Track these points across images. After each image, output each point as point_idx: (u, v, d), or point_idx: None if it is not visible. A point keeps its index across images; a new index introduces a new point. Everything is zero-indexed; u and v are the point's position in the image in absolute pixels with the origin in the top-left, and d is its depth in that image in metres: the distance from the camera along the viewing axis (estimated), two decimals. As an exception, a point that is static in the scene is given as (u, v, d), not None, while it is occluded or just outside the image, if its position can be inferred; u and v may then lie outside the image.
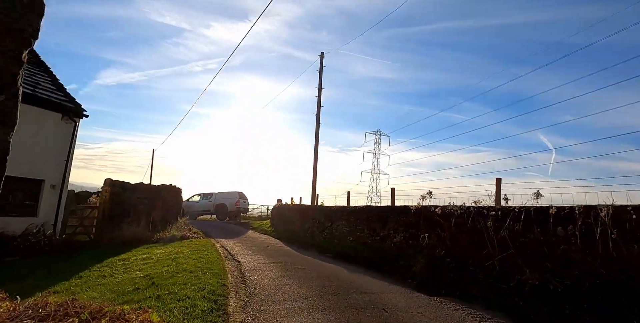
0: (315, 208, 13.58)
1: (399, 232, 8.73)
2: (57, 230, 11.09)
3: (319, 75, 18.91)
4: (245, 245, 11.75)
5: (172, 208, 15.38)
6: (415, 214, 7.94)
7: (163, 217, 14.27)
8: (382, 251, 9.07)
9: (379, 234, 9.49)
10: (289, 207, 16.25)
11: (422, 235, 7.45)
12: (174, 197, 15.73)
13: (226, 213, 24.63)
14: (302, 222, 14.06)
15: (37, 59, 13.15)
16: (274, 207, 18.65)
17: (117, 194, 13.00)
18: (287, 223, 15.71)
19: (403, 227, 8.60)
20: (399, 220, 8.79)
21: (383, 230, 9.38)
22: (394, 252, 8.59)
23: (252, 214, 30.61)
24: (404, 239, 8.40)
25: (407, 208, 8.51)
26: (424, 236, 7.29)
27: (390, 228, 9.07)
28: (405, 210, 8.53)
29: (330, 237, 11.74)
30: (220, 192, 25.53)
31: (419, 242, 7.65)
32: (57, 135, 11.11)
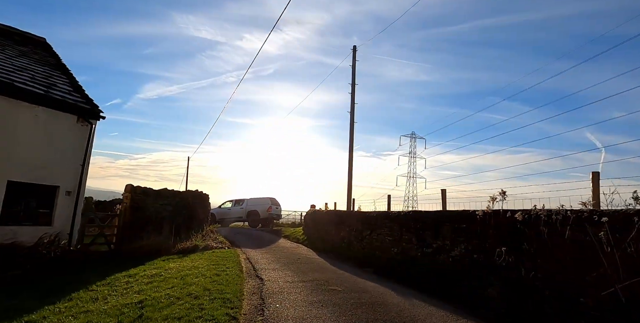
0: (351, 215, 11.95)
1: (457, 244, 6.93)
2: (74, 240, 10.23)
3: (352, 70, 17.39)
4: (273, 256, 10.33)
5: (199, 215, 14.31)
6: (483, 221, 6.13)
7: (188, 225, 13.19)
8: (436, 267, 7.28)
9: (431, 245, 7.72)
10: (322, 213, 14.72)
11: (496, 249, 5.62)
12: (200, 204, 14.68)
13: (258, 220, 23.49)
14: (338, 230, 12.47)
15: (57, 61, 12.64)
16: (307, 213, 17.19)
17: (138, 201, 12.07)
18: (320, 231, 14.18)
19: (464, 237, 6.79)
20: (457, 228, 6.99)
21: (435, 241, 7.60)
22: (453, 268, 6.79)
23: (286, 221, 29.37)
24: (467, 253, 6.59)
25: (469, 214, 6.71)
26: (500, 251, 5.46)
27: (446, 239, 7.28)
28: (467, 216, 6.73)
29: (370, 248, 10.06)
30: (251, 198, 24.49)
31: (490, 257, 5.83)
32: (72, 138, 10.32)
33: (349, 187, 16.71)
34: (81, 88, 11.57)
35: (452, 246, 7.08)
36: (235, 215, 24.17)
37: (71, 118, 10.33)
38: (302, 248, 12.90)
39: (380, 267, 8.70)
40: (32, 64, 11.35)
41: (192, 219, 13.68)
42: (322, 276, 7.39)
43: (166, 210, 12.98)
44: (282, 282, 6.68)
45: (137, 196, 12.07)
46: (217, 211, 24.53)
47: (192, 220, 13.65)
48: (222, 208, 24.70)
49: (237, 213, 24.09)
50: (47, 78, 10.91)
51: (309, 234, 15.66)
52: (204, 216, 14.83)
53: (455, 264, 6.85)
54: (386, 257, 9.19)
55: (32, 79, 10.28)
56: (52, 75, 11.28)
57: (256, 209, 23.51)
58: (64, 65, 12.56)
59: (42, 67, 11.47)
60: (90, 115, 10.68)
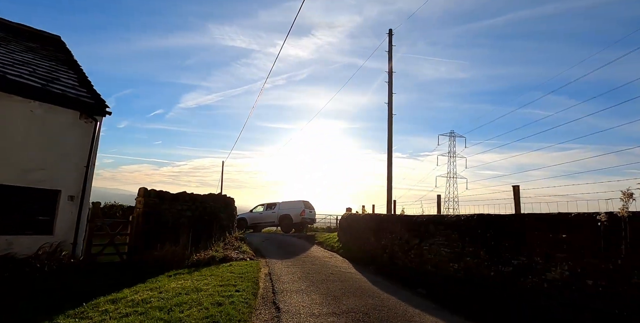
0: (394, 219, 9.89)
1: (555, 262, 4.74)
2: (78, 250, 9.02)
3: (389, 56, 15.32)
4: (301, 270, 8.51)
5: (221, 221, 12.83)
6: (610, 230, 3.95)
7: (209, 232, 11.72)
8: (523, 294, 5.11)
9: (510, 262, 5.55)
10: (359, 217, 12.75)
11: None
12: (224, 208, 13.21)
13: (291, 224, 21.85)
14: (378, 237, 10.45)
15: (67, 57, 11.71)
16: (342, 217, 15.26)
17: (152, 206, 10.74)
18: (357, 238, 12.20)
19: (566, 252, 4.60)
20: (553, 239, 4.81)
21: (517, 256, 5.43)
22: (553, 298, 4.61)
23: (320, 225, 27.57)
24: (573, 277, 4.40)
25: (573, 218, 4.52)
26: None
27: (535, 254, 5.10)
28: (569, 222, 4.54)
29: (420, 261, 7.96)
30: (284, 201, 22.94)
31: (623, 287, 3.64)
32: (75, 136, 9.16)
33: (389, 186, 14.58)
34: (89, 83, 10.46)
35: (546, 264, 4.89)
36: (267, 220, 22.70)
37: (73, 114, 9.16)
38: (336, 259, 10.99)
39: (436, 288, 6.61)
40: (37, 59, 10.40)
41: (213, 225, 12.21)
42: (360, 303, 5.45)
43: (184, 215, 11.59)
44: (306, 314, 4.82)
45: (151, 200, 10.74)
46: (249, 216, 23.21)
47: (214, 227, 12.18)
48: (254, 212, 23.33)
49: (269, 218, 22.60)
50: (50, 72, 9.87)
51: (345, 241, 13.71)
52: (228, 222, 13.34)
53: (554, 292, 4.66)
54: (443, 274, 7.07)
55: (31, 72, 9.24)
56: (57, 70, 10.25)
57: (289, 213, 21.91)
58: (74, 62, 11.59)
59: (47, 62, 10.50)
60: (95, 110, 9.47)
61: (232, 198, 14.07)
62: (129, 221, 10.53)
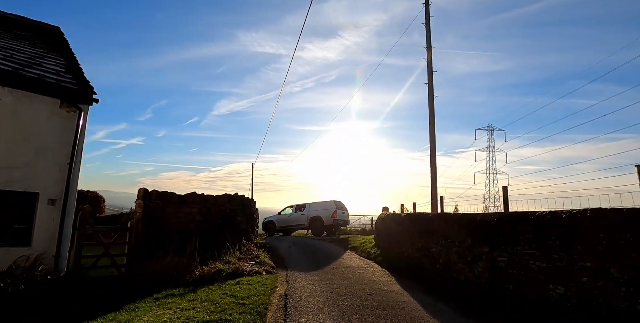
0: (447, 219, 7.52)
1: None
2: (62, 264, 7.46)
3: (426, 28, 12.92)
4: (329, 289, 6.41)
5: (238, 225, 11.00)
6: None
7: (222, 239, 9.89)
8: None
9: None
10: (399, 217, 10.45)
11: None
12: (241, 211, 11.38)
13: (322, 227, 19.75)
14: (425, 242, 8.14)
15: (62, 46, 10.38)
16: (379, 218, 12.99)
17: (154, 210, 9.07)
18: (398, 243, 9.91)
19: None
20: None
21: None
22: None
23: (354, 227, 25.32)
24: None
25: None
26: None
27: None
28: None
29: (495, 277, 5.61)
30: (314, 202, 20.91)
31: None
32: (55, 128, 7.66)
33: (433, 178, 12.14)
34: (78, 70, 8.99)
35: None
36: (296, 223, 20.75)
37: (51, 102, 7.63)
38: (373, 270, 8.80)
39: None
40: (22, 46, 9.08)
41: (228, 231, 10.38)
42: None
43: (193, 220, 9.84)
44: None
45: (153, 203, 9.06)
46: (277, 218, 21.42)
47: (229, 232, 10.34)
48: (283, 215, 21.48)
49: (299, 221, 20.64)
50: (33, 58, 8.47)
51: (383, 246, 11.45)
52: (246, 226, 11.50)
53: None
54: (536, 300, 4.70)
55: (7, 57, 7.84)
56: (42, 56, 8.86)
57: (319, 215, 19.83)
58: (68, 51, 10.23)
59: (33, 49, 9.15)
60: (79, 98, 7.91)
61: (251, 200, 12.24)
62: (128, 228, 8.89)
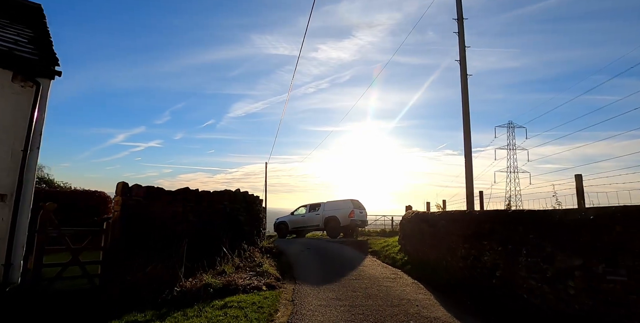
0: (506, 218, 5.58)
1: None
2: (15, 274, 5.93)
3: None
4: (348, 314, 4.62)
5: (240, 226, 9.31)
6: None
7: (219, 243, 8.22)
8: None
9: None
10: (433, 217, 8.52)
11: None
12: (244, 210, 9.69)
13: (338, 228, 17.93)
14: (471, 248, 6.23)
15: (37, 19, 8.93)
16: (404, 218, 11.08)
17: (135, 207, 7.46)
18: (432, 248, 8.02)
19: None
20: None
21: None
22: None
23: (372, 228, 23.39)
24: None
25: None
26: None
27: None
28: None
29: (603, 308, 3.70)
30: (329, 201, 19.11)
31: None
32: (6, 106, 6.17)
33: (468, 168, 10.15)
34: (47, 43, 7.49)
35: None
36: (310, 223, 18.99)
37: (3, 75, 6.12)
38: (403, 282, 6.94)
39: None
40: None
41: (228, 233, 8.70)
42: None
43: (186, 220, 8.20)
44: None
45: (133, 201, 7.44)
46: (290, 219, 19.73)
47: (229, 235, 8.66)
48: (296, 215, 19.78)
49: (313, 221, 18.87)
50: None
51: (410, 251, 9.56)
52: (251, 227, 9.80)
53: None
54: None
55: (-48, 22, 6.40)
56: (3, 26, 7.39)
57: (335, 215, 18.03)
58: (41, 24, 8.76)
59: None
60: (38, 70, 6.38)
61: (256, 197, 10.54)
62: (103, 230, 7.30)
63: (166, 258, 7.09)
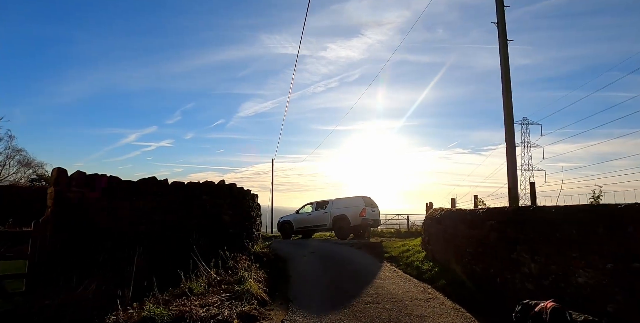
0: (611, 216, 3.50)
1: None
2: None
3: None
4: None
5: (223, 228, 7.30)
6: None
7: (189, 251, 6.23)
8: None
9: None
10: (474, 216, 6.32)
11: None
12: (230, 207, 7.68)
13: (347, 228, 15.83)
14: (549, 262, 4.13)
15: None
16: (430, 218, 8.91)
17: (75, 203, 5.52)
18: (474, 257, 5.89)
19: None
20: None
21: None
22: None
23: (386, 227, 21.24)
24: None
25: None
26: None
27: None
28: None
29: None
30: (338, 198, 17.02)
31: None
32: None
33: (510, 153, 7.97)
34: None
35: None
36: (317, 223, 16.91)
37: None
38: (440, 308, 4.85)
39: None
40: None
41: (207, 237, 6.71)
42: None
43: (149, 220, 6.21)
44: None
45: (73, 194, 5.51)
46: (295, 218, 17.68)
47: (208, 239, 6.67)
48: (301, 213, 17.71)
49: (320, 220, 16.78)
50: None
51: (440, 258, 7.43)
52: (239, 229, 7.79)
53: None
54: None
55: None
56: None
57: (344, 214, 15.94)
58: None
59: None
60: None
61: (247, 191, 8.52)
62: (29, 232, 5.37)
63: (112, 271, 5.14)
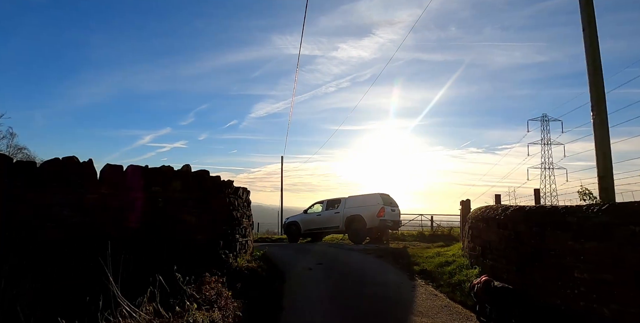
0: None
1: None
2: None
3: None
4: None
5: (186, 235, 4.97)
6: None
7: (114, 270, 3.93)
8: None
9: None
10: (588, 218, 3.86)
11: None
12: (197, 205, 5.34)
13: (363, 231, 13.31)
14: None
15: None
16: (478, 218, 6.36)
17: None
18: (593, 286, 3.41)
19: None
20: None
21: None
22: None
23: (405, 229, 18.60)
24: None
25: None
26: None
27: None
28: None
29: None
30: (352, 196, 14.54)
31: None
32: None
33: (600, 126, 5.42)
34: None
35: None
36: (327, 224, 14.40)
37: None
38: None
39: None
40: None
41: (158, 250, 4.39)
42: None
43: (63, 223, 3.93)
44: None
45: None
46: (302, 219, 15.23)
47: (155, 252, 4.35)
48: (310, 213, 15.25)
49: (331, 221, 14.28)
50: None
51: (511, 280, 4.93)
52: (211, 235, 5.43)
53: None
54: None
55: None
56: None
57: (359, 214, 13.45)
58: None
59: None
60: None
61: (225, 182, 6.15)
62: None
63: None
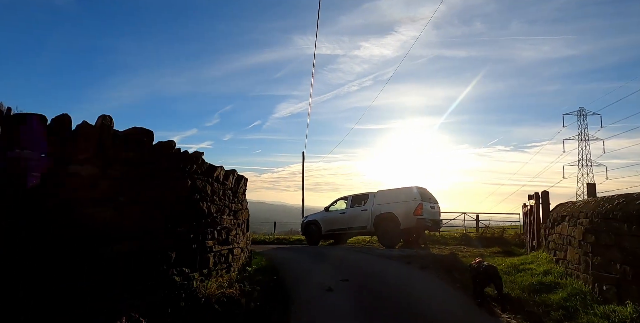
0: None
1: None
2: None
3: None
4: None
5: (82, 242, 2.92)
6: None
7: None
8: None
9: None
10: None
11: None
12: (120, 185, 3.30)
13: (397, 232, 10.82)
14: None
15: None
16: (603, 213, 3.87)
17: None
18: None
19: None
20: None
21: None
22: None
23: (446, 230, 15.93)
24: None
25: None
26: None
27: None
28: None
29: None
30: (382, 190, 12.10)
31: None
32: None
33: None
34: None
35: None
36: (352, 224, 11.99)
37: None
38: None
39: None
40: None
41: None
42: None
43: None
44: None
45: None
46: (323, 217, 12.90)
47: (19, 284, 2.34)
48: (332, 211, 12.91)
49: (357, 221, 11.86)
50: None
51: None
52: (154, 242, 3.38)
53: None
54: None
55: None
56: None
57: (392, 211, 10.97)
58: None
59: None
60: None
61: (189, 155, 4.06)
62: None
63: None
